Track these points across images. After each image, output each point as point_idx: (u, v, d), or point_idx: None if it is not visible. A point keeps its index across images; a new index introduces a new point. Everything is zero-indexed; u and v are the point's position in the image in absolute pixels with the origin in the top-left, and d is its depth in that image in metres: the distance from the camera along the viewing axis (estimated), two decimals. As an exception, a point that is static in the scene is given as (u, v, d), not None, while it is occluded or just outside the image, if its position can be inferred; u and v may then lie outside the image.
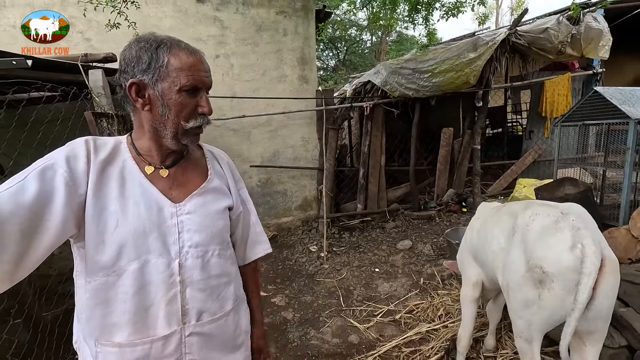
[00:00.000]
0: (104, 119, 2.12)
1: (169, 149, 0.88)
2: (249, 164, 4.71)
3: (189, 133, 0.86)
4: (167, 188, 0.87)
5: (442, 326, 2.60)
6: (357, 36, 15.11)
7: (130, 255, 0.79)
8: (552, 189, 2.77)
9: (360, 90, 5.36)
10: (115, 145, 0.86)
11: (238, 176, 1.07)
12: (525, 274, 1.45)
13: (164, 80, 0.80)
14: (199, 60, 0.84)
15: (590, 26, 4.38)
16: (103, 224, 0.78)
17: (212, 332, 0.88)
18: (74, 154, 0.78)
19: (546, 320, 1.42)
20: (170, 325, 0.82)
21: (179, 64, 0.80)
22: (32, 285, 1.96)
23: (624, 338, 1.83)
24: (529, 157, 5.33)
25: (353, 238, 4.54)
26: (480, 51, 4.26)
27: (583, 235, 1.34)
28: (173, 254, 0.83)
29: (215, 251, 0.89)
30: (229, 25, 4.54)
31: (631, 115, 2.33)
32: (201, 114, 0.86)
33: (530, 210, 1.56)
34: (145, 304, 0.80)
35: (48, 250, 0.72)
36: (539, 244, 1.42)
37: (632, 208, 2.39)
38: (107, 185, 0.80)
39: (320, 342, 2.64)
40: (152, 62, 0.80)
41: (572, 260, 1.32)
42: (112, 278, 0.78)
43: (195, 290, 0.85)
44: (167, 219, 0.84)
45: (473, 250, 1.97)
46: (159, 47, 0.81)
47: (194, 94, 0.84)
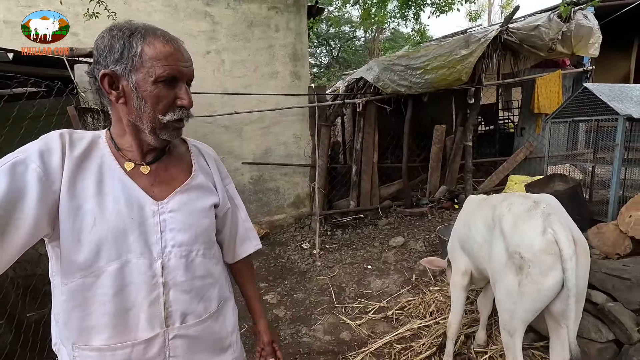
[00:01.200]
0: (88, 115, 2.07)
1: (149, 145, 0.83)
2: (240, 161, 4.67)
3: (167, 127, 0.81)
4: (149, 185, 0.82)
5: (434, 322, 2.61)
6: (350, 33, 15.08)
7: (110, 255, 0.75)
8: (542, 185, 2.79)
9: (352, 86, 5.34)
10: (93, 140, 0.81)
11: (225, 172, 1.02)
12: (507, 262, 1.50)
13: (137, 71, 0.75)
14: (176, 49, 0.78)
15: (580, 24, 4.41)
16: (79, 222, 0.73)
17: (198, 335, 0.85)
18: (48, 147, 0.73)
19: (527, 307, 1.45)
20: (153, 328, 0.79)
21: (153, 52, 0.75)
22: (15, 285, 1.91)
23: (611, 332, 1.84)
24: (520, 154, 5.36)
25: (346, 235, 4.53)
26: (472, 48, 4.27)
27: (552, 220, 1.42)
28: (155, 254, 0.79)
29: (199, 251, 0.85)
30: (219, 20, 4.48)
31: (620, 112, 2.35)
32: (180, 106, 0.80)
33: (507, 201, 1.65)
34: (125, 305, 0.76)
35: (19, 252, 0.68)
36: (515, 231, 1.50)
37: (620, 204, 2.41)
38: (84, 181, 0.76)
39: (312, 339, 2.63)
40: (125, 51, 0.75)
41: (544, 243, 1.39)
42: (90, 279, 0.75)
43: (179, 291, 0.81)
44: (148, 218, 0.80)
45: (461, 241, 2.04)
46: (132, 35, 0.75)
47: (171, 86, 0.79)
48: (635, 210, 1.98)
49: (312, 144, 4.85)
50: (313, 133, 4.75)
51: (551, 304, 1.41)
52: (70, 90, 2.38)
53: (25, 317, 1.96)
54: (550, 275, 1.36)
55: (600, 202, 2.85)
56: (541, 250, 1.38)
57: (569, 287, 1.30)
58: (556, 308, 1.40)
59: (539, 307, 1.42)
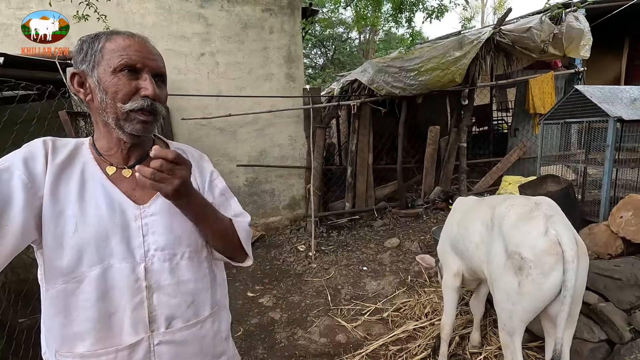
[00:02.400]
0: (81, 119, 2.06)
1: (123, 141, 0.82)
2: (235, 163, 4.66)
3: (131, 119, 0.79)
4: (131, 189, 0.82)
5: (429, 324, 2.62)
6: (344, 35, 15.10)
7: (92, 259, 0.75)
8: (535, 186, 2.82)
9: (347, 88, 5.35)
10: (76, 147, 0.83)
11: (210, 168, 0.99)
12: (506, 262, 1.51)
13: (99, 65, 0.77)
14: (137, 42, 0.80)
15: (571, 26, 4.45)
16: (61, 227, 0.74)
17: (186, 340, 0.84)
18: (32, 155, 0.75)
19: (526, 308, 1.46)
20: (137, 332, 0.78)
21: (113, 46, 0.78)
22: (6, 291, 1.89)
23: (603, 332, 1.86)
24: (514, 155, 5.40)
25: (341, 237, 4.53)
26: (466, 50, 4.30)
27: (555, 221, 1.44)
28: (138, 257, 0.79)
29: (184, 254, 0.84)
30: (213, 22, 4.47)
31: (610, 114, 2.38)
32: (144, 96, 0.78)
33: (508, 202, 1.66)
34: (108, 310, 0.76)
35: (7, 259, 0.68)
36: (516, 232, 1.51)
37: (611, 204, 2.44)
38: (66, 187, 0.77)
39: (308, 342, 2.63)
40: (89, 50, 0.78)
41: (547, 244, 1.39)
42: (72, 285, 0.74)
43: (164, 295, 0.80)
44: (130, 222, 0.80)
45: (453, 242, 2.04)
46: (98, 36, 0.80)
47: (133, 76, 0.78)
48: (626, 211, 2.01)
49: (307, 146, 4.85)
50: (308, 135, 4.75)
51: (549, 305, 1.42)
52: (62, 94, 2.35)
53: (17, 323, 1.94)
54: (551, 276, 1.37)
55: (592, 203, 2.88)
56: (543, 251, 1.39)
57: (567, 288, 1.31)
58: (554, 309, 1.41)
59: (539, 308, 1.43)
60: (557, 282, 1.36)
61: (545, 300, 1.41)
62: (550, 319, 1.48)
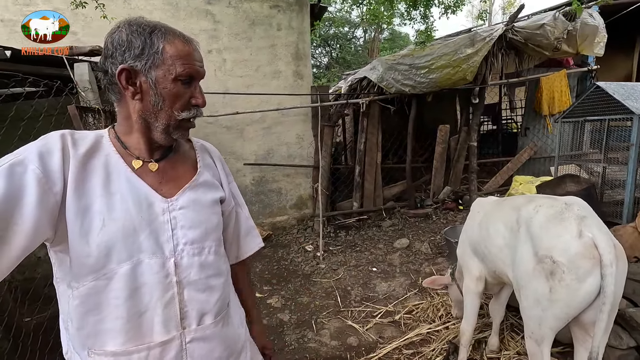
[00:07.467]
0: (89, 114, 2.00)
1: (157, 143, 0.82)
2: (242, 162, 4.61)
3: (181, 126, 0.81)
4: (157, 183, 0.81)
5: (444, 327, 2.54)
6: (349, 33, 15.02)
7: (121, 256, 0.73)
8: (554, 186, 2.73)
9: (355, 86, 5.28)
10: (96, 139, 0.79)
11: (228, 171, 1.03)
12: (535, 266, 1.42)
13: (158, 68, 0.75)
14: (194, 49, 0.80)
15: (585, 22, 4.35)
16: (88, 223, 0.71)
17: (216, 336, 0.83)
18: (48, 148, 0.70)
19: (558, 315, 1.38)
20: (169, 330, 0.76)
21: (175, 51, 0.76)
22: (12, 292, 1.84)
23: (632, 339, 1.78)
24: (524, 154, 5.31)
25: (349, 237, 4.46)
26: (478, 47, 4.21)
27: (589, 224, 1.35)
28: (167, 252, 0.77)
29: (211, 248, 0.84)
30: (221, 19, 4.41)
31: (635, 111, 2.29)
32: (195, 105, 0.81)
33: (534, 203, 1.57)
34: (139, 308, 0.74)
35: (20, 257, 0.64)
36: (546, 235, 1.42)
37: (635, 205, 2.36)
38: (90, 181, 0.74)
39: (319, 344, 2.56)
40: (146, 48, 0.74)
41: (582, 247, 1.31)
42: (102, 282, 0.72)
43: (194, 291, 0.79)
44: (158, 216, 0.78)
45: (474, 245, 1.95)
46: (153, 33, 0.75)
47: (188, 85, 0.79)
48: (654, 212, 1.92)
49: (314, 145, 4.79)
50: (316, 133, 4.69)
51: (583, 312, 1.34)
52: (69, 90, 2.30)
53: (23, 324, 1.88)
54: (587, 281, 1.28)
55: (612, 203, 2.79)
56: (578, 255, 1.31)
57: (607, 294, 1.23)
58: (588, 316, 1.33)
59: (571, 315, 1.35)
60: (593, 288, 1.28)
61: (579, 307, 1.32)
62: (582, 326, 1.40)
